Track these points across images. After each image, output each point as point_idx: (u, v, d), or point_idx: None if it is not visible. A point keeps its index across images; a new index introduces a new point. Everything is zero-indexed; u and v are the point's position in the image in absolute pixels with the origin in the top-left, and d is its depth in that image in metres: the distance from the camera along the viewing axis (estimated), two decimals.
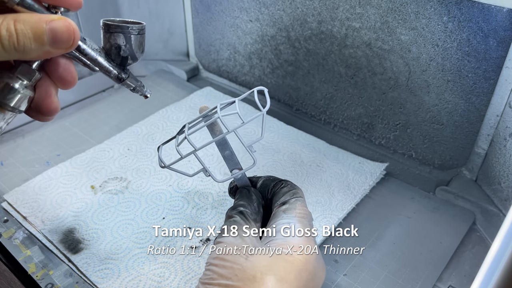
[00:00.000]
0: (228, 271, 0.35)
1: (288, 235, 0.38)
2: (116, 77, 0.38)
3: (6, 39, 0.28)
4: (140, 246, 0.51)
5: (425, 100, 0.61)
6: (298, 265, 0.36)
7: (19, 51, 0.29)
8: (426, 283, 0.48)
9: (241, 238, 0.37)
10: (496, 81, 0.54)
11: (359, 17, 0.62)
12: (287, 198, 0.41)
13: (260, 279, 0.34)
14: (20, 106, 0.33)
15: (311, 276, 0.37)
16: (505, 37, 0.51)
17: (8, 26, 0.28)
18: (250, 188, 0.44)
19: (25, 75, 0.32)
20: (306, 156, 0.65)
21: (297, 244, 0.37)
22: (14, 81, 0.32)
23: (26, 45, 0.29)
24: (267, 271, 0.35)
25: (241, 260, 0.35)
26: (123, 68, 0.38)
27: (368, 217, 0.57)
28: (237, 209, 0.40)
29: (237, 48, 0.81)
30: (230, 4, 0.77)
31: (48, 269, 0.49)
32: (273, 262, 0.36)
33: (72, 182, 0.60)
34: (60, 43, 0.30)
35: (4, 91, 0.32)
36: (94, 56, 0.35)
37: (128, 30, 0.36)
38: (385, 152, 0.69)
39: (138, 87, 0.40)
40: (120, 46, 0.36)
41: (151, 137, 0.69)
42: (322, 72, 0.71)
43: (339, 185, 0.60)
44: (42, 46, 0.30)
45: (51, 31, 0.29)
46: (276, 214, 0.40)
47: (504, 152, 0.56)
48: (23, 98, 0.33)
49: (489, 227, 0.55)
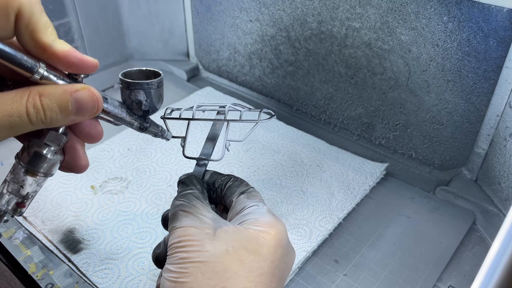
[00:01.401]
0: (198, 249, 0.34)
1: (258, 215, 0.37)
2: (139, 128, 0.39)
3: (34, 116, 0.29)
4: (140, 246, 0.51)
5: (425, 100, 0.61)
6: (272, 240, 0.36)
7: (46, 123, 0.30)
8: (426, 283, 0.48)
9: (198, 219, 0.36)
10: (496, 81, 0.54)
11: (359, 17, 0.62)
12: (244, 188, 0.41)
13: (233, 253, 0.34)
14: (50, 171, 0.34)
15: (285, 251, 0.37)
16: (505, 37, 0.51)
17: (34, 103, 0.29)
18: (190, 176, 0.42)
19: (54, 142, 0.33)
20: (306, 156, 0.65)
21: (268, 221, 0.37)
22: (43, 148, 0.33)
23: (53, 118, 0.30)
24: (238, 246, 0.34)
25: (208, 237, 0.34)
26: (144, 118, 0.39)
27: (368, 217, 0.57)
28: (184, 193, 0.39)
29: (237, 48, 0.81)
30: (230, 4, 0.77)
31: (48, 269, 0.49)
32: (244, 237, 0.35)
33: (72, 182, 0.60)
34: (85, 112, 0.31)
35: (35, 160, 0.33)
36: (117, 113, 0.36)
37: (148, 86, 0.37)
38: (385, 152, 0.69)
39: (159, 132, 0.42)
40: (141, 102, 0.37)
41: (151, 137, 0.69)
42: (322, 72, 0.71)
43: (339, 185, 0.60)
44: (68, 116, 0.31)
45: (76, 102, 0.30)
46: (239, 201, 0.40)
47: (504, 152, 0.56)
48: (53, 163, 0.34)
49: (489, 227, 0.55)
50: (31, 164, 0.33)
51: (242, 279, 0.33)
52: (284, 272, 0.37)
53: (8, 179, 0.33)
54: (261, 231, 0.36)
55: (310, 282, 0.48)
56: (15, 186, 0.33)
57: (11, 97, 0.29)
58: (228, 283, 0.33)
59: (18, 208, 0.34)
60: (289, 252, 0.38)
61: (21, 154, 0.33)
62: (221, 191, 0.42)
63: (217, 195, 0.43)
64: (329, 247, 0.53)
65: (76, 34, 0.79)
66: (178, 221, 0.36)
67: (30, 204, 0.34)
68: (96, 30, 0.82)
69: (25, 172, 0.33)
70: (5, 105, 0.28)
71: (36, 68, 0.29)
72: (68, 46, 0.31)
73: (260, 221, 0.37)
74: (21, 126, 0.29)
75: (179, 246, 0.34)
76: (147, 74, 0.39)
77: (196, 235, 0.34)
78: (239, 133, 0.70)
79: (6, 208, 0.33)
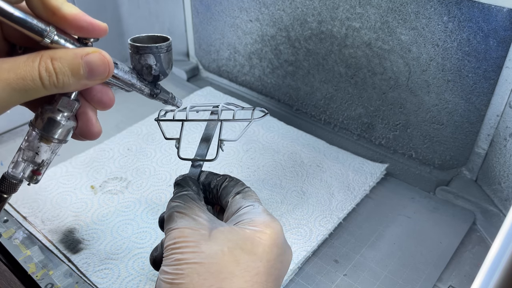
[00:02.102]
0: (193, 250, 0.34)
1: (254, 215, 0.37)
2: (149, 94, 0.39)
3: (46, 79, 0.29)
4: (140, 246, 0.51)
5: (425, 100, 0.61)
6: (267, 240, 0.36)
7: (59, 87, 0.30)
8: (426, 283, 0.48)
9: (194, 220, 0.36)
10: (496, 81, 0.54)
11: (359, 17, 0.61)
12: (239, 188, 0.41)
13: (228, 253, 0.34)
14: (65, 137, 0.34)
15: (281, 251, 0.37)
16: (505, 37, 0.51)
17: (46, 66, 0.29)
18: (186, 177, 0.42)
19: (66, 108, 0.33)
20: (306, 156, 0.65)
21: (264, 221, 0.37)
22: (56, 114, 0.33)
23: (65, 82, 0.30)
24: (234, 246, 0.34)
25: (203, 238, 0.34)
26: (155, 84, 0.39)
27: (368, 217, 0.57)
28: (179, 194, 0.39)
29: (237, 48, 0.81)
30: (230, 4, 0.77)
31: (48, 269, 0.49)
32: (239, 237, 0.35)
33: (72, 182, 0.60)
34: (97, 76, 0.31)
35: (49, 126, 0.33)
36: (128, 79, 0.36)
37: (157, 49, 0.37)
38: (385, 152, 0.69)
39: (169, 99, 0.41)
40: (151, 66, 0.37)
41: (151, 137, 0.69)
42: (322, 72, 0.71)
43: (339, 186, 0.60)
44: (80, 80, 0.31)
45: (87, 65, 0.30)
46: (235, 201, 0.40)
47: (504, 152, 0.55)
48: (67, 129, 0.34)
49: (489, 227, 0.55)
50: (45, 130, 0.33)
51: (238, 279, 0.33)
52: (281, 271, 0.37)
53: (22, 147, 0.33)
54: (256, 231, 0.36)
55: (310, 282, 0.48)
56: (30, 153, 0.33)
57: (23, 61, 0.29)
58: (224, 283, 0.33)
59: (34, 176, 0.34)
60: (286, 251, 0.38)
61: (34, 121, 0.33)
62: (217, 191, 0.42)
63: (213, 196, 0.43)
64: (329, 247, 0.53)
65: None
66: (173, 223, 0.36)
67: (45, 172, 0.35)
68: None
69: (40, 138, 0.33)
70: (17, 69, 0.28)
71: (46, 32, 0.29)
72: (77, 10, 0.31)
73: (256, 221, 0.37)
74: (34, 90, 0.29)
75: (174, 248, 0.34)
76: (155, 39, 0.38)
77: (191, 236, 0.35)
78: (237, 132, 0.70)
79: (22, 176, 0.34)
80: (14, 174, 0.33)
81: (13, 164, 0.34)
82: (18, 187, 0.34)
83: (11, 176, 0.33)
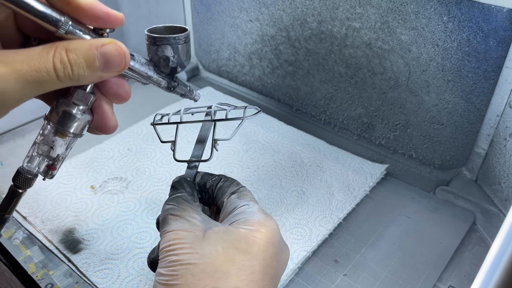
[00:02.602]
0: (188, 251, 0.34)
1: (249, 214, 0.37)
2: (167, 87, 0.38)
3: (61, 71, 0.29)
4: (140, 246, 0.51)
5: (425, 100, 0.61)
6: (263, 239, 0.35)
7: (74, 79, 0.29)
8: (426, 283, 0.48)
9: (188, 222, 0.36)
10: (496, 81, 0.54)
11: (359, 17, 0.61)
12: (234, 188, 0.41)
13: (223, 253, 0.34)
14: (81, 131, 0.34)
15: (277, 250, 0.36)
16: (505, 37, 0.51)
17: (61, 57, 0.28)
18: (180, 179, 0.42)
19: (82, 101, 0.33)
20: (306, 156, 0.65)
21: (258, 220, 0.37)
22: (71, 108, 0.32)
23: (80, 74, 0.29)
24: (228, 245, 0.34)
25: (197, 239, 0.34)
26: (172, 77, 0.38)
27: (368, 217, 0.57)
28: (173, 197, 0.39)
29: (237, 48, 0.81)
30: (230, 4, 0.77)
31: (48, 269, 0.49)
32: (233, 236, 0.35)
33: (72, 182, 0.60)
34: (112, 67, 0.31)
35: (64, 119, 0.32)
36: (145, 71, 0.35)
37: (175, 40, 0.36)
38: (385, 152, 0.69)
39: (187, 92, 0.40)
40: (168, 58, 0.36)
41: (151, 137, 0.69)
42: (322, 72, 0.71)
43: (339, 186, 0.60)
44: (95, 72, 0.30)
45: (103, 57, 0.30)
46: (230, 201, 0.40)
47: (504, 152, 0.55)
48: (83, 123, 0.33)
49: (489, 227, 0.55)
50: (60, 124, 0.32)
51: (233, 278, 0.33)
52: (278, 270, 0.37)
53: (37, 141, 0.33)
54: (251, 230, 0.36)
55: (310, 282, 0.48)
56: (45, 147, 0.33)
57: (38, 52, 0.28)
58: (219, 283, 0.33)
59: (49, 171, 0.34)
60: (282, 249, 0.38)
61: (49, 115, 0.33)
62: (213, 192, 0.42)
63: (209, 196, 0.43)
64: (329, 247, 0.53)
65: None
66: (168, 225, 0.36)
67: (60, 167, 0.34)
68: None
69: (55, 132, 0.33)
70: (31, 60, 0.28)
71: (60, 22, 0.29)
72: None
73: (251, 220, 0.37)
74: (48, 82, 0.28)
75: (169, 250, 0.34)
76: (173, 30, 0.37)
77: (186, 238, 0.34)
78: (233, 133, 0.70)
79: (37, 171, 0.33)
80: (29, 168, 0.33)
81: (28, 158, 0.33)
82: (33, 182, 0.34)
83: (26, 170, 0.33)
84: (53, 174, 0.34)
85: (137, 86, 0.85)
